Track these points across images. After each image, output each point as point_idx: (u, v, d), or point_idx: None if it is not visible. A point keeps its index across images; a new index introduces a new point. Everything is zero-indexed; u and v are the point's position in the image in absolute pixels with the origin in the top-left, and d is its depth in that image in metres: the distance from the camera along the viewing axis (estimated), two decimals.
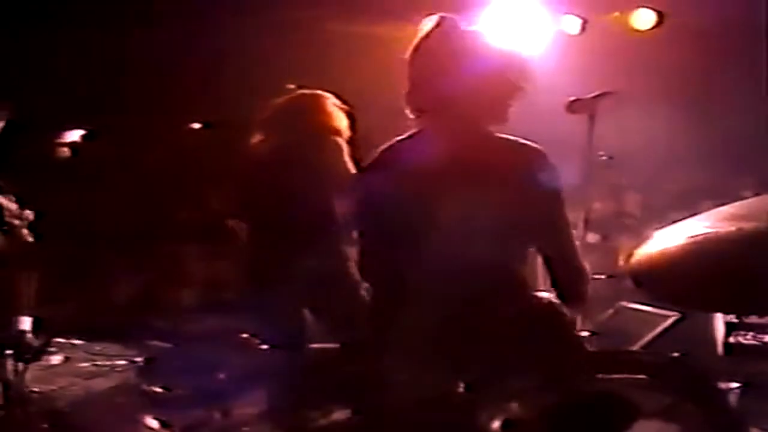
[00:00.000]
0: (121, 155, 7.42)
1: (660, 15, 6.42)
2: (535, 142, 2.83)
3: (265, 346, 3.13)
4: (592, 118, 3.14)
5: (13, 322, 6.09)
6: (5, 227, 6.12)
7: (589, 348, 3.13)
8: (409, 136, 2.91)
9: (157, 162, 7.63)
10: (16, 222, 6.25)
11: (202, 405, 2.69)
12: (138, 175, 7.60)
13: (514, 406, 2.62)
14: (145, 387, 3.15)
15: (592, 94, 3.32)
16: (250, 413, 2.61)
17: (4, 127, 6.29)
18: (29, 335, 6.08)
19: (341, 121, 4.89)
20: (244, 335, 3.09)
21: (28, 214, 6.28)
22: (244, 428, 2.59)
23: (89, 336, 5.90)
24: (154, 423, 2.63)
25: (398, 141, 2.92)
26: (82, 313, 6.45)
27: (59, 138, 7.10)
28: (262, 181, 4.81)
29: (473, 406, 2.60)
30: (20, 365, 4.70)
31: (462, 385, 2.67)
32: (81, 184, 6.92)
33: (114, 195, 7.49)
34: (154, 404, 2.77)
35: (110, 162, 7.32)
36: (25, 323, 6.18)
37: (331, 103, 4.93)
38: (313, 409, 2.59)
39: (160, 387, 2.86)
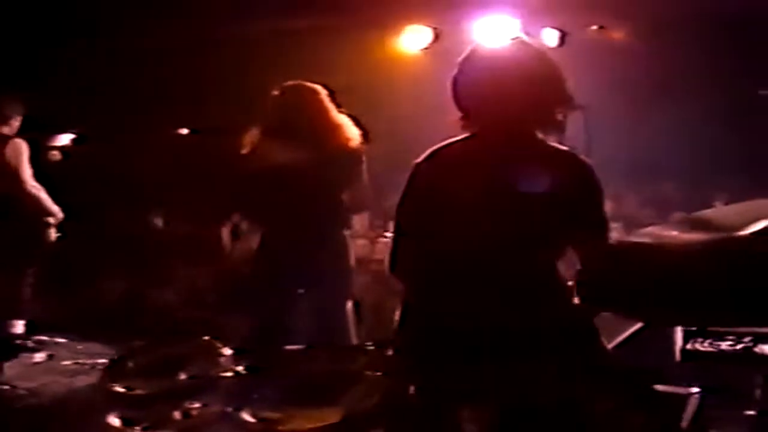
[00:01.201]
0: (111, 159, 7.49)
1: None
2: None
3: (228, 351, 3.20)
4: (562, 127, 3.19)
5: (6, 326, 6.20)
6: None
7: None
8: (462, 139, 3.00)
9: (146, 166, 7.70)
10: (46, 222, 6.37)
11: (165, 404, 2.75)
12: (128, 179, 7.67)
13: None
14: (110, 386, 3.21)
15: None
16: (212, 412, 2.66)
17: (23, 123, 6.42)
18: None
19: (352, 130, 4.91)
20: (206, 337, 3.16)
21: (59, 214, 6.38)
22: (206, 428, 2.63)
23: (73, 334, 5.98)
24: (116, 422, 2.69)
25: (451, 142, 3.02)
26: (67, 311, 6.52)
27: (51, 142, 7.19)
28: (282, 190, 4.81)
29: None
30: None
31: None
32: (72, 186, 6.98)
33: (104, 197, 7.57)
34: (119, 403, 2.83)
35: (100, 165, 7.39)
36: (18, 327, 6.28)
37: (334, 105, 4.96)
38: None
39: (124, 386, 2.92)
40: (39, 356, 5.50)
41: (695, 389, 3.35)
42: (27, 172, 6.21)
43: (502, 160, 2.90)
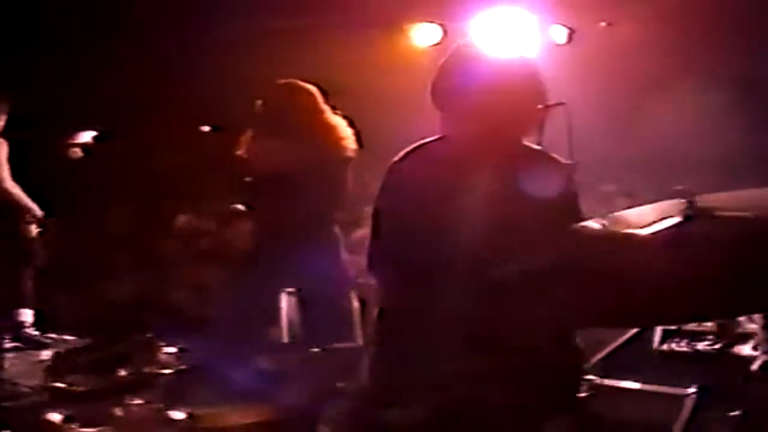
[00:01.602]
0: (131, 157, 7.50)
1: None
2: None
3: (172, 349, 3.24)
4: (540, 127, 3.20)
5: (14, 314, 6.24)
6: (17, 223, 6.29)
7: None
8: (438, 139, 3.02)
9: (166, 164, 7.73)
10: (27, 218, 6.41)
11: (103, 401, 2.79)
12: (147, 177, 7.69)
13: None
14: (49, 382, 3.24)
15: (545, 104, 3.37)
16: (152, 408, 2.70)
17: (7, 121, 6.44)
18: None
19: (346, 131, 4.93)
20: (149, 335, 3.20)
21: (37, 211, 6.43)
22: (136, 425, 2.67)
23: (81, 332, 6.01)
24: (57, 417, 2.72)
25: (427, 142, 3.04)
26: (77, 309, 6.55)
27: (72, 139, 7.21)
28: (273, 190, 4.86)
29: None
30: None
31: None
32: (92, 183, 7.02)
33: (123, 195, 7.60)
34: (60, 399, 2.87)
35: (121, 163, 7.41)
36: (26, 315, 6.32)
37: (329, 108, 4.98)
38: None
39: (66, 383, 2.95)
40: (45, 354, 5.53)
41: (691, 390, 3.32)
42: (4, 170, 6.27)
43: (476, 161, 2.90)
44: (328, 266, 4.84)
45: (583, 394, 2.83)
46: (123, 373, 2.85)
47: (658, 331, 3.97)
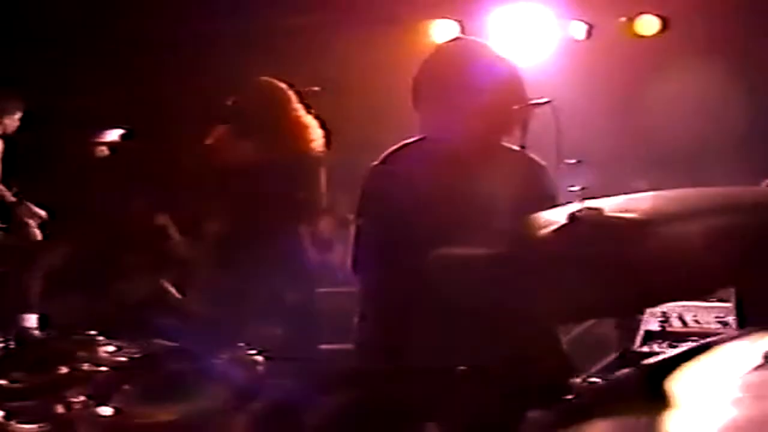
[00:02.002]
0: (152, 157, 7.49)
1: (664, 21, 6.49)
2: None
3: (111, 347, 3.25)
4: (524, 126, 3.19)
5: (18, 319, 6.21)
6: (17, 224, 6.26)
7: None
8: (417, 141, 3.00)
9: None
10: (29, 220, 6.38)
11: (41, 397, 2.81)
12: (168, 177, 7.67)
13: None
14: None
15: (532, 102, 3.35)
16: (86, 404, 2.72)
17: (22, 119, 6.43)
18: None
19: (316, 132, 4.92)
20: (91, 333, 3.21)
21: (41, 213, 6.40)
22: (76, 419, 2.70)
23: (93, 333, 5.95)
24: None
25: (407, 144, 3.02)
26: (87, 310, 6.53)
27: (98, 137, 7.19)
28: (238, 186, 4.86)
29: None
30: None
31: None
32: (114, 183, 7.01)
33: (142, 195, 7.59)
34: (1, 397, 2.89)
35: (142, 163, 7.40)
36: (31, 320, 6.29)
37: (301, 106, 4.97)
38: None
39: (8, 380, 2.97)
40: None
41: None
42: None
43: (456, 163, 2.88)
44: (292, 266, 4.84)
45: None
46: (64, 370, 2.85)
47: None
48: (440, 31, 6.85)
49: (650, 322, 4.16)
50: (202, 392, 2.78)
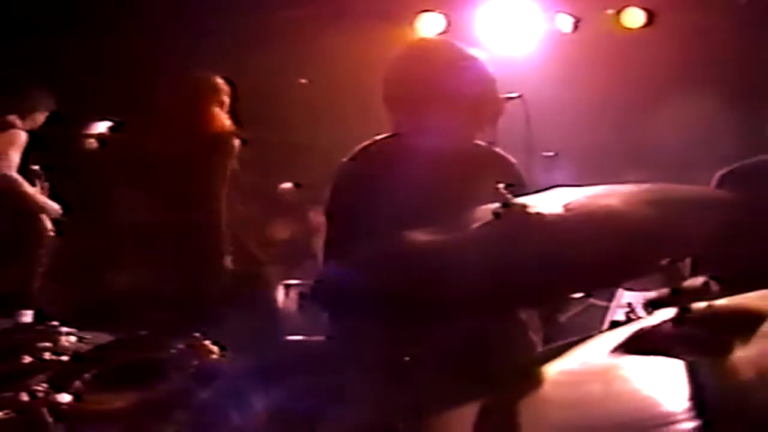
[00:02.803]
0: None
1: (650, 14, 6.48)
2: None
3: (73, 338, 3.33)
4: (494, 122, 3.24)
5: (15, 315, 6.23)
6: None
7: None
8: (388, 137, 3.03)
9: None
10: (44, 216, 6.40)
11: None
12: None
13: None
14: None
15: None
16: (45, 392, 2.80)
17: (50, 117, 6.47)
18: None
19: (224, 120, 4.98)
20: (53, 323, 3.28)
21: (57, 209, 6.42)
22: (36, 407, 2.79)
23: (81, 324, 5.98)
24: None
25: (376, 141, 3.04)
26: (76, 301, 6.55)
27: (87, 130, 7.23)
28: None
29: None
30: None
31: None
32: (105, 175, 7.03)
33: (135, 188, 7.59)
34: None
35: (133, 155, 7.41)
36: (27, 316, 6.31)
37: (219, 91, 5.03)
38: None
39: None
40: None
41: None
42: (12, 161, 6.23)
43: (423, 160, 2.90)
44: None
45: None
46: (27, 359, 2.92)
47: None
48: (427, 24, 6.86)
49: (616, 312, 4.17)
50: (158, 380, 2.84)
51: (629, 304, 4.31)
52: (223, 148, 4.95)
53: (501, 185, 2.16)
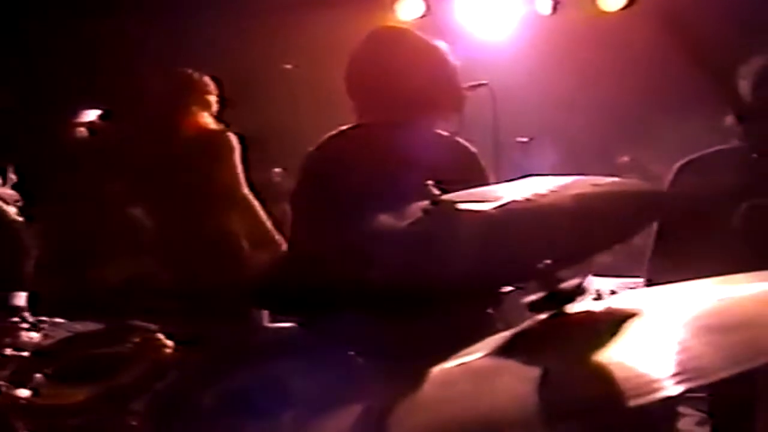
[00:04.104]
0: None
1: None
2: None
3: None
4: (458, 111, 3.27)
5: (8, 298, 6.29)
6: None
7: None
8: (354, 128, 3.06)
9: None
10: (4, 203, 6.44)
11: None
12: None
13: None
14: None
15: (467, 84, 3.40)
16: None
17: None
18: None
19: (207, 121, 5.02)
20: (14, 319, 3.36)
21: (12, 194, 6.46)
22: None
23: (72, 315, 6.03)
24: None
25: (343, 131, 3.08)
26: (66, 291, 6.60)
27: (76, 118, 7.26)
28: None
29: None
30: None
31: None
32: (94, 163, 7.07)
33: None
34: None
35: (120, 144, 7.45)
36: (21, 299, 6.37)
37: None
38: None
39: None
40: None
41: None
42: None
43: (386, 150, 2.92)
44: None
45: None
46: None
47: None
48: (406, 8, 6.87)
49: (584, 298, 4.19)
50: (115, 374, 2.90)
51: (597, 290, 4.35)
52: (209, 150, 4.93)
53: (430, 182, 2.19)
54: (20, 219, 6.46)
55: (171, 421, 2.74)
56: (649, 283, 2.92)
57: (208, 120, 5.02)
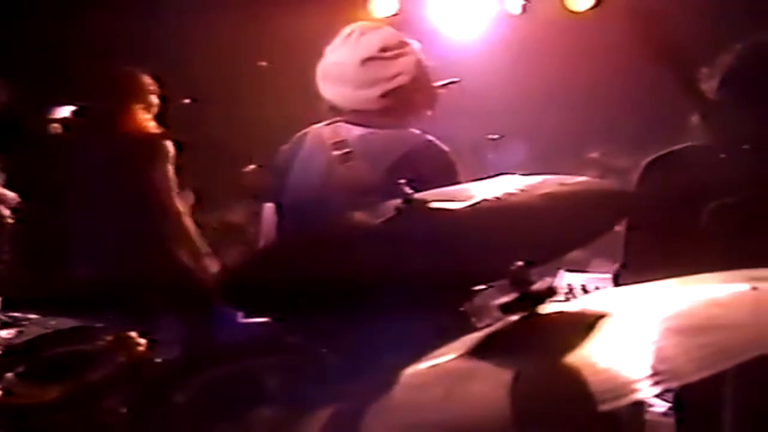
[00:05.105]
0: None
1: None
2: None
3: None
4: (430, 108, 3.30)
5: None
6: None
7: None
8: (327, 124, 3.08)
9: None
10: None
11: None
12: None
13: None
14: None
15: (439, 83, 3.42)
16: None
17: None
18: None
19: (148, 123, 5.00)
20: None
21: (13, 197, 6.41)
22: None
23: (46, 310, 5.99)
24: None
25: (315, 128, 3.11)
26: (41, 287, 6.55)
27: (50, 114, 7.20)
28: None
29: None
30: None
31: None
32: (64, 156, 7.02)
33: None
34: None
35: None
36: None
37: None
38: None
39: None
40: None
41: None
42: None
43: (354, 146, 2.94)
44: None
45: None
46: None
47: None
48: (379, 6, 6.88)
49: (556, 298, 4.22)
50: (87, 372, 2.90)
51: (568, 285, 4.39)
52: (145, 152, 4.93)
53: (402, 180, 2.21)
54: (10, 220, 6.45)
55: (144, 419, 2.75)
56: (618, 281, 2.94)
57: (148, 122, 4.98)
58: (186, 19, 7.06)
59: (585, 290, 4.31)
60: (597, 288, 4.33)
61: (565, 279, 4.38)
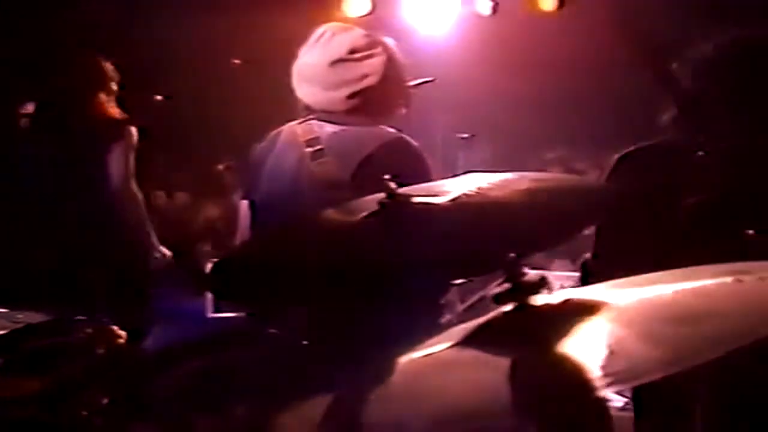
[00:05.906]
0: None
1: None
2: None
3: None
4: (405, 107, 3.32)
5: None
6: None
7: None
8: (300, 122, 3.10)
9: None
10: None
11: None
12: None
13: None
14: None
15: (414, 82, 3.45)
16: None
17: None
18: None
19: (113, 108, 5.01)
20: None
21: None
22: None
23: (13, 304, 5.94)
24: None
25: (290, 125, 3.12)
26: (6, 280, 6.51)
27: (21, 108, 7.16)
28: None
29: None
30: None
31: None
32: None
33: None
34: None
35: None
36: None
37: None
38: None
39: None
40: None
41: None
42: None
43: (318, 143, 2.99)
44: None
45: None
46: None
47: None
48: (353, 6, 6.92)
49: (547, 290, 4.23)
50: (66, 364, 2.89)
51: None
52: (109, 136, 4.93)
53: (387, 176, 2.22)
54: None
55: (124, 412, 2.75)
56: (587, 269, 2.98)
57: (111, 107, 4.98)
58: (161, 17, 7.07)
59: (561, 286, 4.33)
60: (562, 287, 4.36)
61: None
